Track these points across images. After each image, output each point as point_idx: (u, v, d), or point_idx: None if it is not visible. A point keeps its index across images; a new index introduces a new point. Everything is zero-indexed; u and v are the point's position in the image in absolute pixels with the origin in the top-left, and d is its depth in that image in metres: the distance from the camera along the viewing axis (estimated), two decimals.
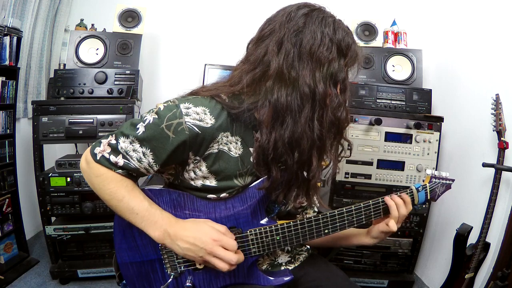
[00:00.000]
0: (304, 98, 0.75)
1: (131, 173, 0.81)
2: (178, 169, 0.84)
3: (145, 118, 0.78)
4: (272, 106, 0.77)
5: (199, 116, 0.76)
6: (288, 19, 0.78)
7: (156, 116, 0.76)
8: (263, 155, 0.80)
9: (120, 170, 0.79)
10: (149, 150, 0.77)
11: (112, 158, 0.78)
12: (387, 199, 0.89)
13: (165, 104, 0.78)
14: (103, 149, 0.79)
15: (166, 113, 0.76)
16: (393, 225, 0.88)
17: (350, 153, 0.90)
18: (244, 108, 0.77)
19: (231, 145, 0.81)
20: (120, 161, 0.78)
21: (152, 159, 0.78)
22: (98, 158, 0.78)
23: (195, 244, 0.76)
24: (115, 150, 0.78)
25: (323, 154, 0.83)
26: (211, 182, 0.82)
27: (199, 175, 0.81)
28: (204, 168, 0.80)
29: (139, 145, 0.77)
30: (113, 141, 0.78)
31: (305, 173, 0.83)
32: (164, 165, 0.81)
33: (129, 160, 0.78)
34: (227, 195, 0.83)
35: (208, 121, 0.76)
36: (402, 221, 0.91)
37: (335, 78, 0.78)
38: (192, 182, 0.82)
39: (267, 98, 0.77)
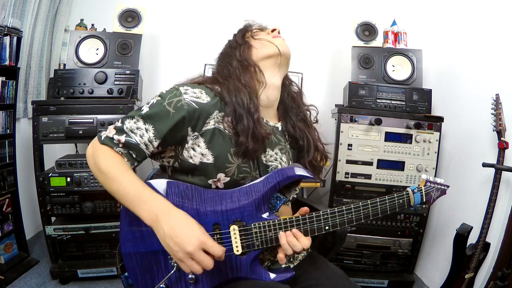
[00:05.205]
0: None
1: (131, 154, 0.85)
2: (177, 150, 0.90)
3: (149, 101, 0.88)
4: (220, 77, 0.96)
5: (196, 95, 0.88)
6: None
7: (159, 98, 0.87)
8: (233, 123, 0.89)
9: (121, 149, 0.84)
10: (151, 126, 0.85)
11: (115, 137, 0.84)
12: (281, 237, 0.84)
13: (167, 89, 0.90)
14: (108, 131, 0.86)
15: (167, 94, 0.88)
16: (281, 258, 0.84)
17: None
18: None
19: (225, 125, 0.90)
20: (122, 138, 0.84)
21: (153, 133, 0.85)
22: (102, 139, 0.85)
23: (179, 237, 0.73)
24: (120, 130, 0.86)
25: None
26: (208, 159, 0.88)
27: (198, 151, 0.88)
28: (202, 143, 0.88)
29: (142, 122, 0.85)
30: (119, 124, 0.87)
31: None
32: (164, 143, 0.87)
33: (131, 137, 0.84)
34: (224, 175, 0.88)
35: (204, 98, 0.89)
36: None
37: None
38: (190, 160, 0.88)
39: (220, 76, 0.97)
